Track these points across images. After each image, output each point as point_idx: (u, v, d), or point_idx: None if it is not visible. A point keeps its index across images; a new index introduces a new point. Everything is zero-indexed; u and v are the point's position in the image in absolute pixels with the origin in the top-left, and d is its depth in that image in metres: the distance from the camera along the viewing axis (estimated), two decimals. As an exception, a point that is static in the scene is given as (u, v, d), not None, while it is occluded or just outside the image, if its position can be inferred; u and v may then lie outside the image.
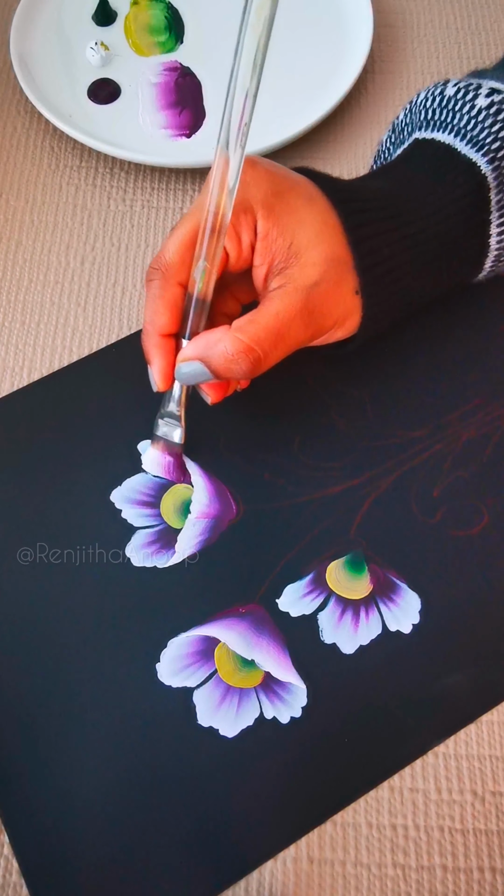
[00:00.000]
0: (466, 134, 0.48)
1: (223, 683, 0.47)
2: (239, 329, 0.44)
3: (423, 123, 0.51)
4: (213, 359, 0.44)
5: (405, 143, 0.52)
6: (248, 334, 0.44)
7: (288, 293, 0.44)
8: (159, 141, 0.65)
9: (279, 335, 0.45)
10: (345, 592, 0.49)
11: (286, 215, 0.44)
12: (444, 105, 0.50)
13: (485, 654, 0.48)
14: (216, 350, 0.44)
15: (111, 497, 0.52)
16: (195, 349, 0.45)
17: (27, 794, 0.45)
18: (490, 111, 0.48)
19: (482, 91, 0.48)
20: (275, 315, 0.44)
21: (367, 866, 0.44)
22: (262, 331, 0.44)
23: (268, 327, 0.44)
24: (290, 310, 0.44)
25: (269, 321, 0.44)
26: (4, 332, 0.59)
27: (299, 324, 0.45)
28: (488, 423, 0.54)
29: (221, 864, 0.43)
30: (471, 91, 0.49)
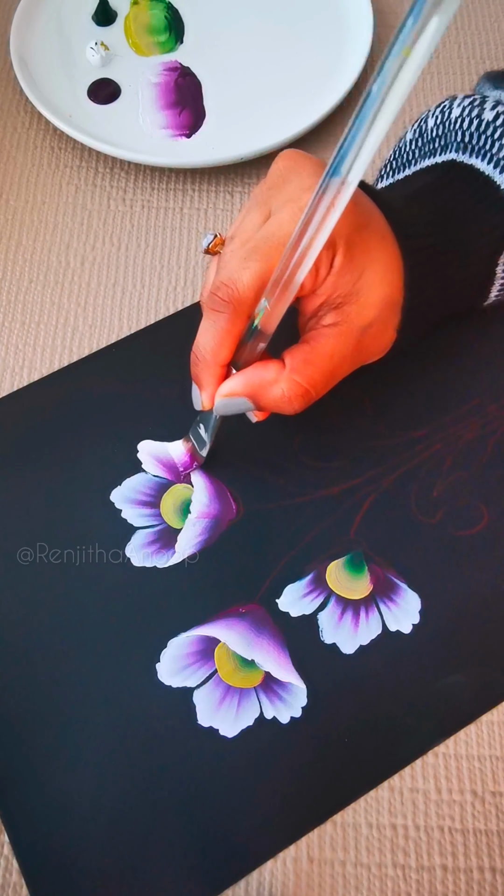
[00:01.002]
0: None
1: (223, 683, 0.47)
2: (296, 371, 0.43)
3: (461, 146, 0.50)
4: (264, 399, 0.44)
5: (436, 155, 0.52)
6: (306, 377, 0.43)
7: (343, 333, 0.44)
8: (159, 141, 0.65)
9: (332, 376, 0.44)
10: (345, 592, 0.49)
11: (361, 253, 0.43)
12: (482, 130, 0.49)
13: (485, 654, 0.48)
14: (269, 391, 0.44)
15: (111, 497, 0.52)
16: (244, 386, 0.44)
17: (27, 793, 0.45)
18: None
19: None
20: (329, 357, 0.44)
21: (367, 866, 0.44)
22: (318, 373, 0.44)
23: (323, 370, 0.44)
24: (344, 351, 0.44)
25: (324, 363, 0.44)
26: (4, 332, 0.59)
27: (349, 363, 0.45)
28: (488, 423, 0.54)
29: (221, 865, 0.43)
30: None
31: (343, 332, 0.44)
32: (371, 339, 0.45)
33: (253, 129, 0.64)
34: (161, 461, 0.53)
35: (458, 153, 0.50)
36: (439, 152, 0.52)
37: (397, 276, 0.45)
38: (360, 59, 0.66)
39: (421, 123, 0.53)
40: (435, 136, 0.52)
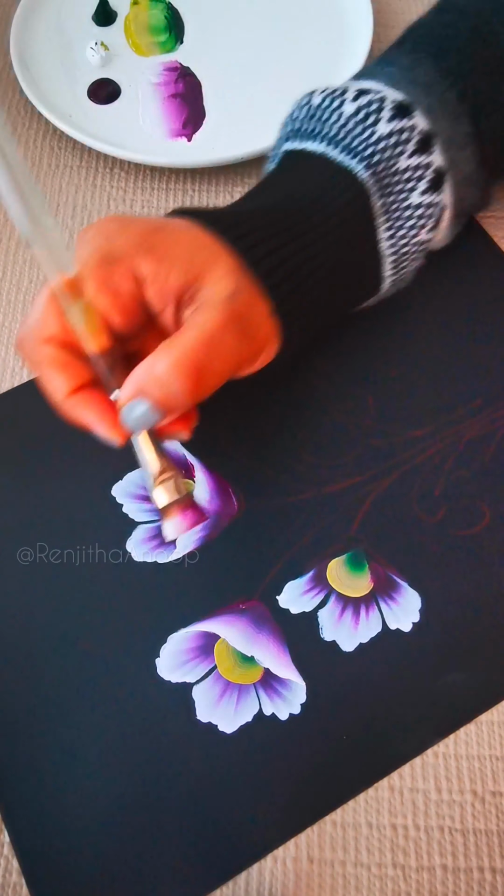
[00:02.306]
0: (339, 143, 0.47)
1: (222, 679, 0.47)
2: (166, 345, 0.40)
3: (292, 133, 0.50)
4: (150, 387, 0.40)
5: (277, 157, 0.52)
6: (177, 346, 0.40)
7: (207, 306, 0.41)
8: (159, 141, 0.65)
9: (212, 344, 0.40)
10: (345, 590, 0.49)
11: (171, 248, 0.42)
12: (311, 115, 0.49)
13: (485, 654, 0.48)
14: (150, 378, 0.40)
15: (112, 492, 0.52)
16: (129, 386, 0.41)
17: (27, 792, 0.45)
18: (358, 117, 0.47)
19: (348, 96, 0.48)
20: (200, 325, 0.40)
21: (367, 866, 0.43)
22: (190, 341, 0.40)
23: (196, 337, 0.40)
24: (217, 318, 0.41)
25: (195, 333, 0.40)
26: (4, 332, 0.59)
27: (232, 333, 0.41)
28: (490, 422, 0.54)
29: (220, 860, 0.43)
30: (336, 99, 0.48)
31: (206, 306, 0.41)
32: (245, 305, 0.42)
33: (253, 129, 0.64)
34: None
35: (289, 142, 0.50)
36: (278, 150, 0.52)
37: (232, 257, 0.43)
38: (360, 59, 0.67)
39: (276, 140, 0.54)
40: (278, 140, 0.52)
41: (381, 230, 0.48)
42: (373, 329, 0.55)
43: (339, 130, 0.47)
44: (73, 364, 0.42)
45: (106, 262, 0.41)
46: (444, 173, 0.49)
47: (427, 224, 0.50)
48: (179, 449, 0.53)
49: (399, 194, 0.48)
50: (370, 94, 0.48)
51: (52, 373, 0.42)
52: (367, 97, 0.48)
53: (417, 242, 0.50)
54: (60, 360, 0.42)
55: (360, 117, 0.47)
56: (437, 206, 0.49)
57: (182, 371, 0.40)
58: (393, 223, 0.48)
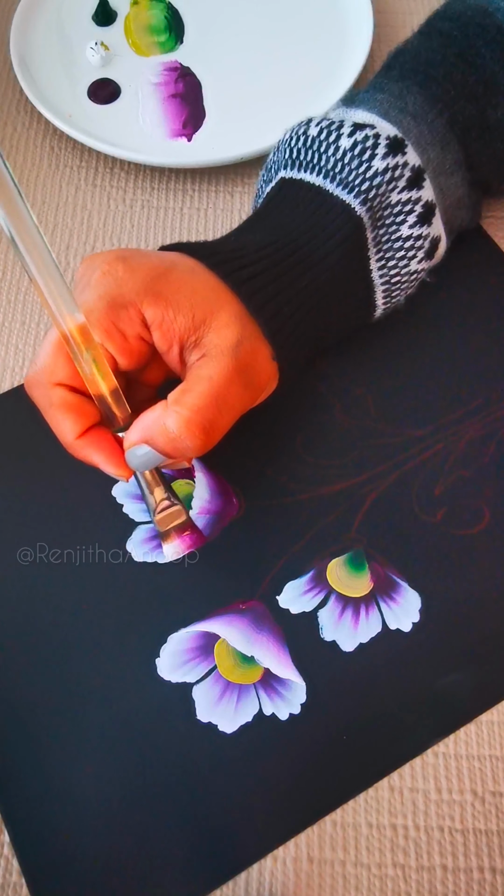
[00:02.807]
0: (336, 176, 0.48)
1: (222, 679, 0.47)
2: (176, 402, 0.41)
3: (289, 162, 0.50)
4: (158, 440, 0.42)
5: (272, 181, 0.52)
6: (188, 405, 0.41)
7: (214, 357, 0.42)
8: (159, 141, 0.65)
9: (220, 399, 0.42)
10: (345, 590, 0.49)
11: (176, 292, 0.43)
12: (308, 146, 0.49)
13: (485, 654, 0.48)
14: (158, 430, 0.41)
15: (113, 492, 0.52)
16: (137, 433, 0.42)
17: (27, 792, 0.45)
18: (355, 152, 0.47)
19: (344, 130, 0.48)
20: (208, 380, 0.42)
21: (367, 866, 0.43)
22: (200, 398, 0.41)
23: (205, 394, 0.42)
24: (223, 372, 0.42)
25: (203, 388, 0.42)
26: (4, 332, 0.59)
27: (237, 385, 0.43)
28: (490, 423, 0.54)
29: (220, 860, 0.43)
30: (333, 131, 0.49)
31: (213, 355, 0.42)
32: (249, 354, 0.44)
33: (253, 129, 0.64)
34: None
35: (285, 170, 0.50)
36: (274, 177, 0.52)
37: (235, 302, 0.44)
38: (360, 59, 0.66)
39: (265, 160, 0.54)
40: (271, 163, 0.53)
41: (373, 261, 0.49)
42: (373, 330, 0.55)
43: (336, 164, 0.48)
44: (82, 406, 0.43)
45: (114, 307, 0.41)
46: (434, 207, 0.50)
47: (417, 255, 0.50)
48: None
49: (389, 227, 0.49)
50: (366, 129, 0.48)
51: (62, 416, 0.43)
52: (363, 132, 0.48)
53: (408, 272, 0.51)
54: (70, 404, 0.43)
55: (356, 152, 0.48)
56: (426, 237, 0.50)
57: (192, 429, 0.41)
58: (384, 254, 0.49)
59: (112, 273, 0.42)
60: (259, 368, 0.45)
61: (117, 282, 0.42)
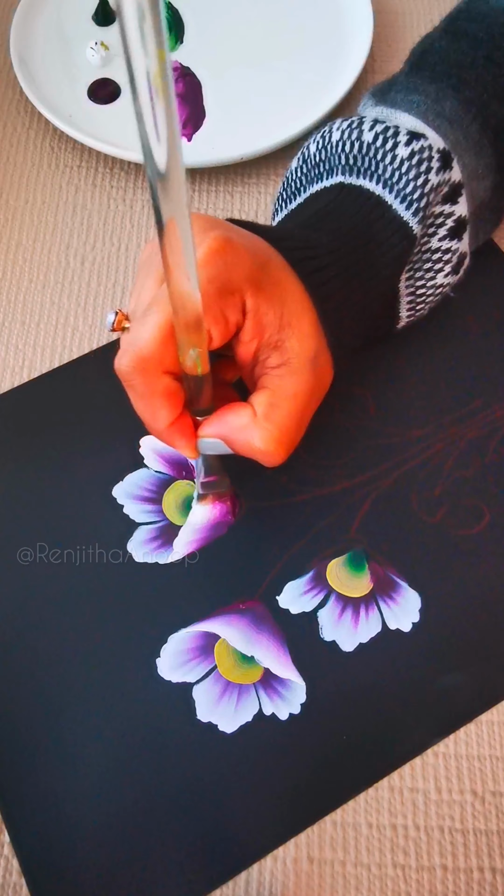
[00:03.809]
0: (394, 187, 0.48)
1: (222, 679, 0.47)
2: (267, 418, 0.42)
3: (346, 168, 0.50)
4: (239, 445, 0.43)
5: (323, 179, 0.51)
6: (277, 423, 0.42)
7: (297, 370, 0.43)
8: (159, 141, 0.65)
9: (302, 417, 0.43)
10: (345, 590, 0.49)
11: (273, 287, 0.42)
12: (364, 152, 0.49)
13: (485, 654, 0.48)
14: (242, 438, 0.42)
15: (113, 492, 0.52)
16: (218, 431, 0.43)
17: (27, 792, 0.45)
18: (412, 162, 0.47)
19: (401, 139, 0.48)
20: (294, 397, 0.42)
21: (367, 866, 0.44)
22: (288, 417, 0.42)
23: (291, 412, 0.42)
24: (306, 387, 0.43)
25: (290, 405, 0.42)
26: (4, 332, 0.59)
27: (314, 399, 0.44)
28: (490, 423, 0.54)
29: (220, 860, 0.43)
30: (389, 138, 0.48)
31: (296, 368, 0.43)
32: (322, 369, 0.44)
33: (253, 129, 0.64)
34: (163, 457, 0.53)
35: (344, 175, 0.50)
36: (325, 176, 0.51)
37: (312, 310, 0.44)
38: (359, 60, 0.67)
39: (304, 150, 0.53)
40: (318, 160, 0.52)
41: (403, 272, 0.49)
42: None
43: (394, 174, 0.48)
44: (179, 394, 0.42)
45: (224, 293, 0.41)
46: (465, 223, 0.50)
47: (444, 268, 0.50)
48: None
49: (421, 238, 0.49)
50: (420, 139, 0.48)
51: (163, 403, 0.42)
52: (419, 142, 0.48)
53: (434, 285, 0.51)
54: (173, 392, 0.42)
55: (413, 162, 0.47)
56: (455, 252, 0.50)
57: (278, 447, 0.42)
58: (412, 265, 0.49)
59: (222, 254, 0.41)
60: (327, 378, 0.46)
61: (227, 266, 0.41)
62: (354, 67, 0.66)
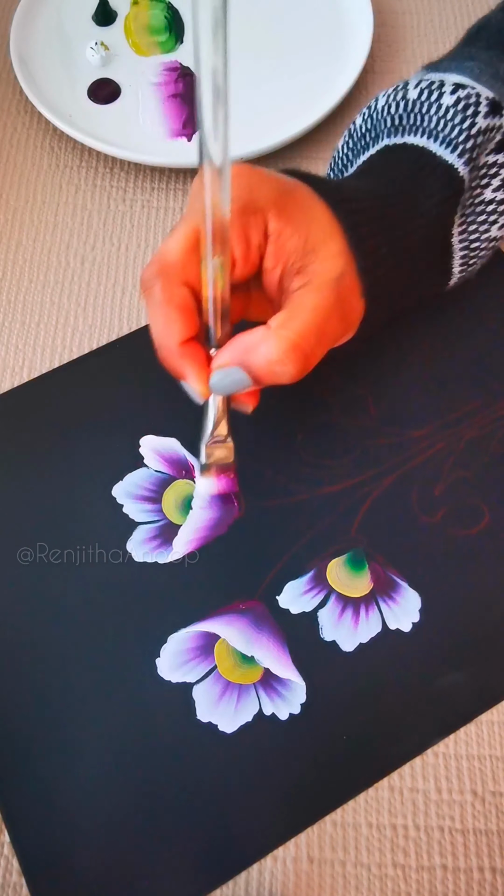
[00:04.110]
0: (438, 135, 0.47)
1: (222, 679, 0.47)
2: (282, 326, 0.41)
3: (391, 130, 0.50)
4: (256, 363, 0.41)
5: (369, 148, 0.52)
6: (293, 330, 0.41)
7: (318, 287, 0.42)
8: (159, 141, 0.65)
9: (320, 330, 0.42)
10: (345, 590, 0.49)
11: (298, 212, 0.42)
12: (409, 109, 0.49)
13: (485, 654, 0.48)
14: (258, 353, 0.41)
15: (113, 492, 0.52)
16: (232, 354, 0.42)
17: (27, 792, 0.45)
18: (458, 108, 0.47)
19: (446, 88, 0.48)
20: (312, 309, 0.41)
21: (367, 866, 0.43)
22: (305, 326, 0.41)
23: (308, 322, 0.41)
24: (326, 303, 0.42)
25: (308, 316, 0.41)
26: (4, 332, 0.59)
27: (336, 317, 0.43)
28: (490, 423, 0.54)
29: (220, 860, 0.43)
30: (434, 91, 0.48)
31: (317, 285, 0.42)
32: (348, 289, 0.43)
33: (253, 129, 0.64)
34: (163, 456, 0.53)
35: (389, 138, 0.50)
36: (371, 145, 0.51)
37: (342, 237, 0.43)
38: (360, 59, 0.67)
39: (350, 127, 0.53)
40: (364, 131, 0.52)
41: (456, 224, 0.49)
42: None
43: (440, 122, 0.47)
44: (195, 313, 0.42)
45: (246, 212, 0.41)
46: None
47: (499, 220, 0.50)
48: (180, 450, 0.53)
49: (474, 189, 0.48)
50: (467, 88, 0.48)
51: (177, 316, 0.42)
52: (465, 91, 0.47)
53: (488, 238, 0.50)
54: (189, 307, 0.42)
55: (459, 107, 0.47)
56: None
57: (296, 353, 0.41)
58: (465, 218, 0.49)
59: (245, 177, 0.41)
60: (354, 304, 0.45)
61: (250, 186, 0.41)
62: (354, 67, 0.66)
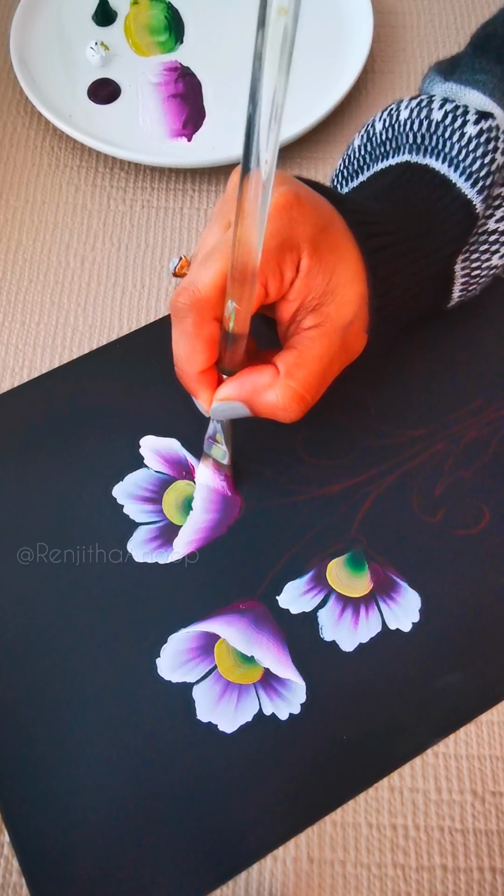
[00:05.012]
0: (459, 164, 0.48)
1: (223, 679, 0.47)
2: (289, 375, 0.43)
3: (414, 148, 0.50)
4: (260, 404, 0.43)
5: (388, 158, 0.52)
6: (299, 381, 0.43)
7: (328, 334, 0.43)
8: (159, 141, 0.65)
9: (324, 378, 0.44)
10: (345, 590, 0.49)
11: (329, 253, 0.43)
12: (433, 131, 0.49)
13: (485, 654, 0.48)
14: (264, 397, 0.43)
15: (113, 492, 0.52)
16: (239, 392, 0.44)
17: (27, 792, 0.45)
18: (481, 139, 0.48)
19: (470, 117, 0.48)
20: (319, 358, 0.43)
21: (367, 866, 0.43)
22: (311, 376, 0.43)
23: (315, 371, 0.43)
24: (331, 350, 0.43)
25: (315, 365, 0.43)
26: (4, 332, 0.59)
27: (337, 364, 0.45)
28: (490, 423, 0.54)
29: (220, 860, 0.43)
30: (459, 117, 0.48)
31: (327, 332, 0.43)
32: (353, 337, 0.45)
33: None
34: (163, 457, 0.53)
35: (411, 154, 0.50)
36: (391, 155, 0.52)
37: (363, 275, 0.44)
38: (360, 59, 0.67)
39: (368, 129, 0.53)
40: (385, 139, 0.52)
41: (460, 253, 0.49)
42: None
43: (461, 151, 0.48)
44: (217, 344, 0.43)
45: (284, 248, 0.41)
46: None
47: (500, 250, 0.51)
48: (180, 451, 0.53)
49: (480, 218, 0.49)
50: (490, 119, 0.48)
51: (203, 348, 0.43)
52: (487, 122, 0.48)
53: (489, 267, 0.51)
54: (216, 340, 0.43)
55: (482, 140, 0.48)
56: None
57: (299, 403, 0.43)
58: (469, 247, 0.50)
59: (289, 210, 0.41)
60: (359, 342, 0.46)
61: (292, 222, 0.42)
62: (354, 67, 0.66)
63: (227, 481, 0.52)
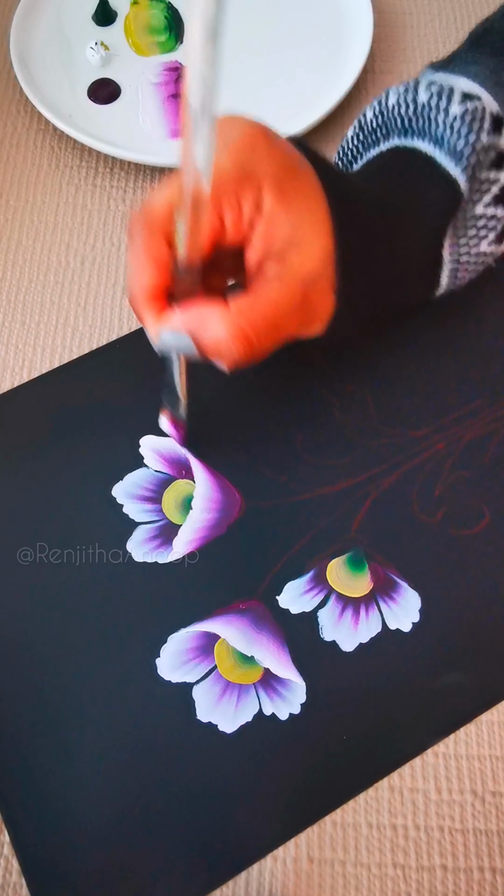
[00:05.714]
0: (444, 143, 0.48)
1: (222, 679, 0.47)
2: (239, 313, 0.41)
3: (402, 131, 0.50)
4: (204, 337, 0.42)
5: (379, 144, 0.52)
6: (247, 320, 0.41)
7: (287, 283, 0.42)
8: (159, 141, 0.65)
9: (275, 325, 0.42)
10: (345, 590, 0.49)
11: (295, 199, 0.42)
12: (419, 112, 0.49)
13: (485, 654, 0.48)
14: (209, 329, 0.41)
15: (113, 492, 0.52)
16: (185, 321, 0.42)
17: (27, 792, 0.44)
18: (465, 119, 0.47)
19: (455, 97, 0.48)
20: (274, 303, 0.42)
21: (367, 866, 0.43)
22: (261, 319, 0.41)
23: (265, 314, 0.42)
24: (290, 300, 0.42)
25: (266, 308, 0.42)
26: (4, 332, 0.59)
27: (297, 315, 0.43)
28: (490, 423, 0.54)
29: (220, 860, 0.43)
30: (444, 97, 0.48)
31: (286, 280, 0.42)
32: (317, 295, 0.44)
33: (253, 129, 0.64)
34: (163, 456, 0.53)
35: (400, 138, 0.50)
36: (381, 141, 0.51)
37: (329, 235, 0.43)
38: (360, 59, 0.67)
39: (360, 118, 0.53)
40: (374, 126, 0.52)
41: (447, 237, 0.49)
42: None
43: (447, 129, 0.48)
44: (167, 267, 0.42)
45: (243, 179, 0.41)
46: None
47: (488, 236, 0.50)
48: (179, 450, 0.53)
49: (465, 203, 0.49)
50: (475, 100, 0.48)
51: (149, 266, 0.42)
52: (472, 103, 0.47)
53: (477, 253, 0.51)
54: (162, 259, 0.42)
55: (467, 119, 0.47)
56: (499, 219, 0.50)
57: (240, 340, 0.41)
58: (454, 231, 0.49)
59: (253, 144, 0.41)
60: (324, 302, 0.45)
61: (256, 156, 0.41)
62: (354, 67, 0.66)
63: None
